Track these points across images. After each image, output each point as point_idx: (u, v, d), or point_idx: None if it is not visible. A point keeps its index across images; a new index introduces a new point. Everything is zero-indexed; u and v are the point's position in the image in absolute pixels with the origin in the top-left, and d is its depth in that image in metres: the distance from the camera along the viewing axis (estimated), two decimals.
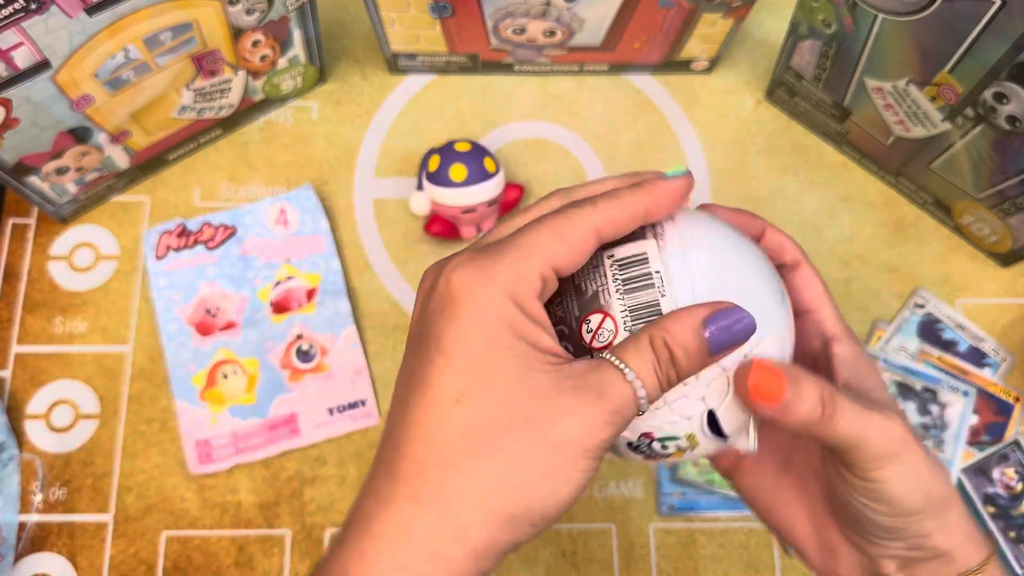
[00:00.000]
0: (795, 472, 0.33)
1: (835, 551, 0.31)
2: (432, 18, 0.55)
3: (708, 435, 0.28)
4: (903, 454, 0.27)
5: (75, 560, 0.51)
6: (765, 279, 0.29)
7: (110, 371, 0.55)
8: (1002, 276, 0.59)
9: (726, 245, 0.29)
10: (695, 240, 0.28)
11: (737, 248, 0.29)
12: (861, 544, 0.30)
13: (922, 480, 0.28)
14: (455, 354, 0.24)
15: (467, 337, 0.24)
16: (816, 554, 0.32)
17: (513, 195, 0.58)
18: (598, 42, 0.58)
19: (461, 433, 0.24)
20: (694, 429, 0.28)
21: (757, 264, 0.29)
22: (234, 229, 0.57)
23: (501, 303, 0.24)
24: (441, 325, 0.25)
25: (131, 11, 0.44)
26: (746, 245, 0.29)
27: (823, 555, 0.31)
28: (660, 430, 0.28)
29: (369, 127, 0.62)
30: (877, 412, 0.27)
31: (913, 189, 0.59)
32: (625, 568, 0.52)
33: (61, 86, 0.46)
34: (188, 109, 0.55)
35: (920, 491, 0.28)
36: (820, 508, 0.32)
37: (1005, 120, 0.47)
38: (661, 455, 0.29)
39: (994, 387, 0.56)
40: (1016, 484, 0.54)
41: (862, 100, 0.55)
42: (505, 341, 0.24)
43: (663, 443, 0.28)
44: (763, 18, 0.65)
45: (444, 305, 0.25)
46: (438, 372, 0.24)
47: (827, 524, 0.31)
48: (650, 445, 0.28)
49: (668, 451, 0.29)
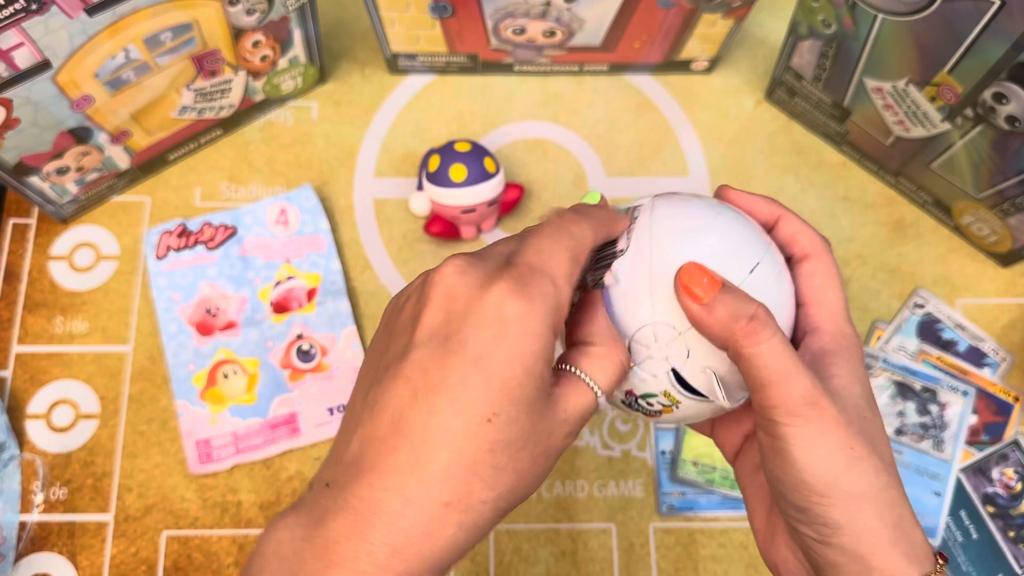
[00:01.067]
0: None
1: (776, 537, 0.32)
2: (432, 18, 0.55)
3: (681, 392, 0.30)
4: (812, 420, 0.27)
5: (76, 560, 0.51)
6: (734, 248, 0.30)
7: (110, 371, 0.55)
8: (1002, 276, 0.59)
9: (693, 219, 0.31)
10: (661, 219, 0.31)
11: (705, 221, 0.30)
12: (790, 531, 0.30)
13: (830, 458, 0.27)
14: (494, 377, 0.26)
15: (509, 364, 0.26)
16: (763, 538, 0.33)
17: (513, 195, 0.58)
18: (598, 42, 0.58)
19: (488, 451, 0.25)
20: (667, 387, 0.30)
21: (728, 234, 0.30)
22: (234, 229, 0.57)
23: (545, 336, 0.27)
24: (485, 344, 0.26)
25: (131, 11, 0.44)
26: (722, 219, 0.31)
27: (766, 540, 0.33)
28: (638, 388, 0.31)
29: (369, 127, 0.62)
30: (803, 367, 0.27)
31: (913, 189, 0.59)
32: (625, 568, 0.52)
33: (61, 86, 0.46)
34: (188, 109, 0.55)
35: (826, 468, 0.27)
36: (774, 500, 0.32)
37: (1005, 120, 0.47)
38: (650, 411, 0.32)
39: (993, 387, 0.56)
40: (1015, 484, 0.54)
41: (862, 100, 0.55)
42: (538, 371, 0.26)
43: (647, 400, 0.31)
44: (763, 18, 0.65)
45: (490, 325, 0.26)
46: (474, 390, 0.25)
47: (776, 516, 0.32)
48: (636, 401, 0.31)
49: (654, 407, 0.31)
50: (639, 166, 0.61)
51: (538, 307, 0.26)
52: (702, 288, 0.28)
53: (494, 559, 0.52)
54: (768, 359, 0.27)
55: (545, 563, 0.52)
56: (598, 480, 0.54)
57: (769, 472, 0.29)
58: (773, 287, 0.30)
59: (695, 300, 0.28)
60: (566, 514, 0.53)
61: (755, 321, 0.27)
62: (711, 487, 0.54)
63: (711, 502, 0.54)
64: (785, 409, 0.27)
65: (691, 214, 0.31)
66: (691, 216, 0.31)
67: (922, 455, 0.54)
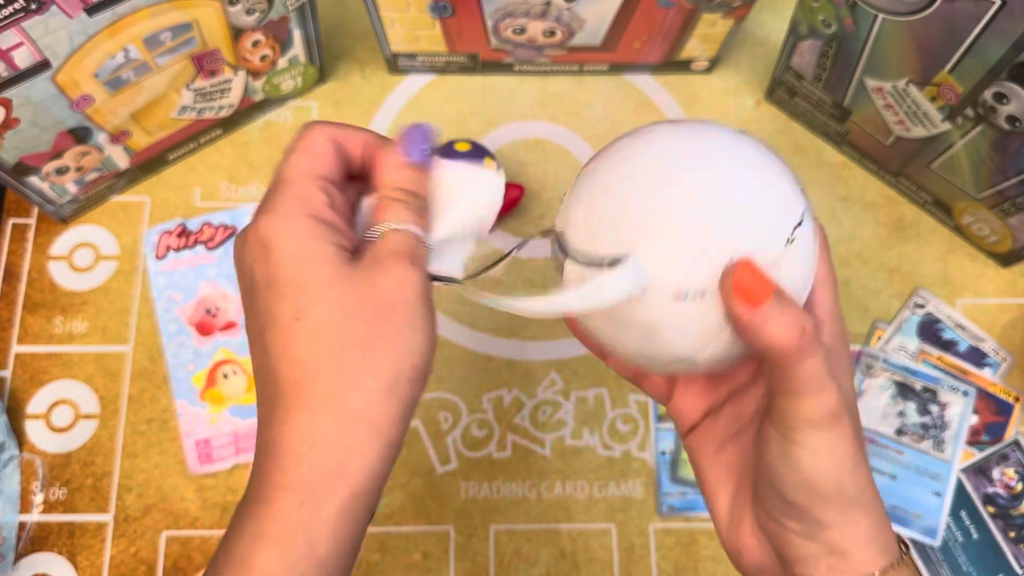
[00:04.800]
0: (739, 446, 0.33)
1: (741, 523, 0.32)
2: (432, 18, 0.55)
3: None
4: (831, 431, 0.27)
5: (75, 560, 0.51)
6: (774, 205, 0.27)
7: (110, 371, 0.55)
8: (1002, 276, 0.59)
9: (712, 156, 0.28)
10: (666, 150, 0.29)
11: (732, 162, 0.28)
12: (764, 519, 0.31)
13: (840, 466, 0.28)
14: (278, 282, 0.27)
15: (282, 265, 0.27)
16: (725, 522, 0.33)
17: (513, 195, 0.58)
18: (598, 42, 0.58)
19: (313, 340, 0.27)
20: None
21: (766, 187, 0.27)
22: (234, 229, 0.57)
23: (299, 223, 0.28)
24: (261, 268, 0.28)
25: (131, 11, 0.44)
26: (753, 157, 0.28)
27: (730, 525, 0.33)
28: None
29: (369, 127, 0.62)
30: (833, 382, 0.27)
31: (913, 189, 0.59)
32: (625, 568, 0.52)
33: (61, 86, 0.46)
34: (188, 109, 0.55)
35: (834, 475, 0.28)
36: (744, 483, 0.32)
37: (1005, 120, 0.47)
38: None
39: (994, 387, 0.56)
40: (1016, 484, 0.54)
41: (862, 100, 0.55)
42: (313, 253, 0.28)
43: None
44: (763, 18, 0.65)
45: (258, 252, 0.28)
46: (273, 304, 0.27)
47: (744, 498, 0.32)
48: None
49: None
50: None
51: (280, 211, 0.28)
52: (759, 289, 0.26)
53: (494, 559, 0.52)
54: (811, 373, 0.27)
55: (545, 563, 0.52)
56: (598, 480, 0.54)
57: (770, 468, 0.29)
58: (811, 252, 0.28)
59: (751, 305, 0.26)
60: (566, 514, 0.53)
61: (806, 335, 0.26)
62: None
63: None
64: (809, 421, 0.27)
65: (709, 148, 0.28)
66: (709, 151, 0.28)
67: (922, 455, 0.54)
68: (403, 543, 0.52)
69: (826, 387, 0.27)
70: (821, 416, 0.27)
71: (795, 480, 0.28)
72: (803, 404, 0.27)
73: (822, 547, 0.29)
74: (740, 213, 0.27)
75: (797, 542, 0.29)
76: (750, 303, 0.26)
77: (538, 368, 0.56)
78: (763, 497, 0.30)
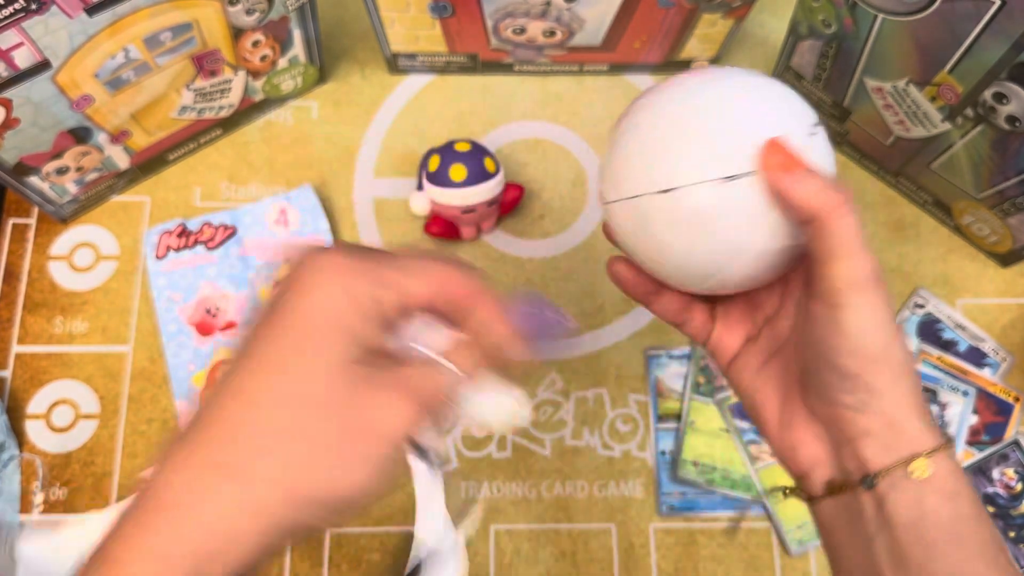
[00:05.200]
0: (782, 359, 0.35)
1: (792, 422, 0.33)
2: (432, 18, 0.55)
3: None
4: (874, 292, 0.29)
5: None
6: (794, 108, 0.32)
7: (110, 371, 0.55)
8: (1002, 276, 0.59)
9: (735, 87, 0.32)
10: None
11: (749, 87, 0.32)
12: (818, 406, 0.32)
13: (885, 327, 0.30)
14: (291, 327, 0.25)
15: (309, 313, 0.25)
16: (776, 426, 0.34)
17: (513, 195, 0.58)
18: (598, 42, 0.58)
19: (277, 407, 0.24)
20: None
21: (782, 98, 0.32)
22: (234, 229, 0.57)
23: (349, 293, 0.25)
24: (288, 296, 0.25)
25: (131, 11, 0.44)
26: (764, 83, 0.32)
27: (781, 427, 0.34)
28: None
29: (369, 127, 0.62)
30: (868, 246, 0.30)
31: (913, 189, 0.59)
32: (625, 568, 0.52)
33: (61, 86, 0.46)
34: (188, 109, 0.55)
35: (881, 335, 0.29)
36: (792, 387, 0.34)
37: (1005, 120, 0.47)
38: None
39: (994, 387, 0.56)
40: (1016, 484, 0.54)
41: (862, 100, 0.55)
42: (341, 327, 0.25)
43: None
44: (763, 18, 0.65)
45: (299, 277, 0.26)
46: (269, 341, 0.25)
47: (792, 400, 0.34)
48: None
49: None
50: None
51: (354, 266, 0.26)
52: (792, 161, 0.29)
53: (494, 559, 0.52)
54: (849, 232, 0.29)
55: (545, 563, 0.52)
56: (598, 480, 0.54)
57: (820, 342, 0.30)
58: (829, 155, 0.32)
59: (784, 169, 0.29)
60: (566, 514, 0.53)
61: (842, 193, 0.29)
62: (711, 487, 0.54)
63: (711, 502, 0.54)
64: (853, 281, 0.29)
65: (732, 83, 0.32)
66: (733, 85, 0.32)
67: None
68: (403, 542, 0.52)
69: (864, 250, 0.29)
70: (863, 277, 0.29)
71: (846, 346, 0.30)
72: (845, 265, 0.29)
73: (877, 419, 0.30)
74: (768, 107, 0.31)
75: (852, 418, 0.30)
76: (785, 169, 0.29)
77: (538, 368, 0.56)
78: (815, 379, 0.31)
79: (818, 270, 0.30)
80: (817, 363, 0.31)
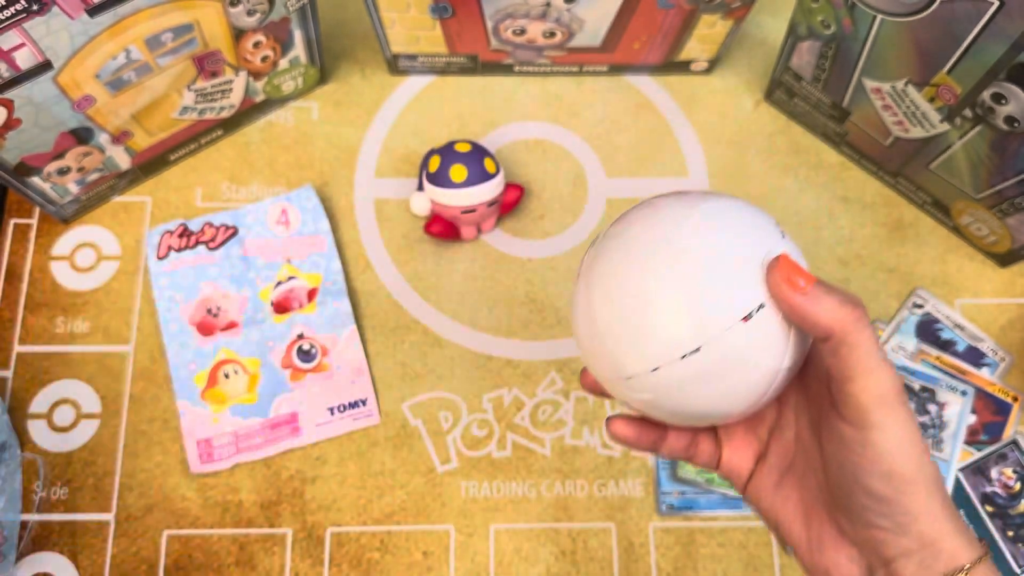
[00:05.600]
0: (796, 474, 0.34)
1: (823, 543, 0.32)
2: (432, 19, 0.55)
3: None
4: (902, 408, 0.28)
5: (77, 559, 0.51)
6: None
7: (112, 371, 0.55)
8: (1000, 276, 0.59)
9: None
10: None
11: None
12: (849, 529, 0.31)
13: (914, 446, 0.29)
14: None
15: None
16: (806, 548, 0.33)
17: (513, 195, 0.58)
18: (598, 43, 0.59)
19: None
20: None
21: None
22: (235, 229, 0.57)
23: None
24: None
25: (132, 12, 0.44)
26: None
27: (811, 549, 0.33)
28: None
29: (370, 128, 0.62)
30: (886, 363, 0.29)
31: (912, 189, 0.59)
32: (625, 568, 0.53)
33: (63, 87, 0.46)
34: (189, 110, 0.55)
35: (914, 454, 0.28)
36: (814, 505, 0.33)
37: (1003, 121, 0.47)
38: None
39: (992, 387, 0.56)
40: (1014, 483, 0.54)
41: (861, 101, 0.55)
42: None
43: None
44: (763, 19, 0.65)
45: None
46: None
47: (818, 519, 0.32)
48: None
49: None
50: (639, 166, 0.61)
51: None
52: (802, 278, 0.28)
53: (494, 559, 0.52)
54: (870, 347, 0.28)
55: (545, 563, 0.52)
56: (598, 480, 0.54)
57: (851, 466, 0.29)
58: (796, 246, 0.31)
59: (798, 290, 0.28)
60: (566, 514, 0.53)
61: (860, 308, 0.28)
62: (710, 486, 0.54)
63: (711, 501, 0.54)
64: (880, 399, 0.28)
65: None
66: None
67: None
68: (403, 542, 0.52)
69: (886, 364, 0.28)
70: (890, 392, 0.28)
71: (880, 469, 0.29)
72: (871, 381, 0.28)
73: (914, 540, 0.29)
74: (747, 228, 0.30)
75: (887, 538, 0.29)
76: (799, 290, 0.28)
77: (538, 368, 0.56)
78: (846, 503, 0.30)
79: (842, 388, 0.29)
80: (849, 486, 0.30)
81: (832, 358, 0.29)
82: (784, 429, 0.35)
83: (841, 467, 0.30)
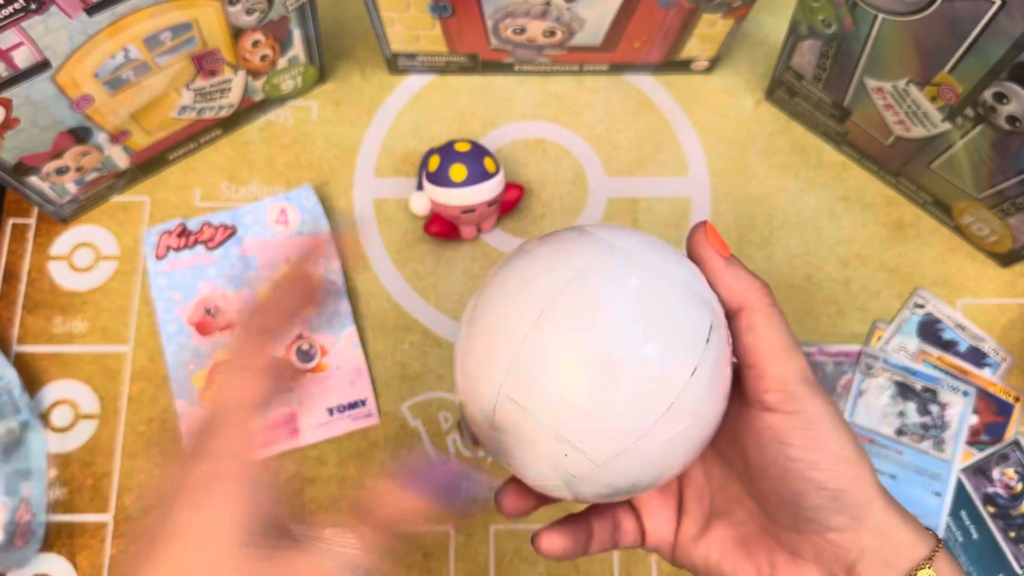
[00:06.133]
0: (720, 513, 0.33)
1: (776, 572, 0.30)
2: (432, 18, 0.55)
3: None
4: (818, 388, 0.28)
5: (75, 560, 0.51)
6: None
7: (110, 371, 0.55)
8: (1002, 276, 0.59)
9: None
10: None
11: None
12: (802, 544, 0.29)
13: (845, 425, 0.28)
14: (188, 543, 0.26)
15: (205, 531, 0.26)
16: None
17: (513, 195, 0.58)
18: (598, 42, 0.58)
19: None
20: None
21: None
22: (234, 229, 0.57)
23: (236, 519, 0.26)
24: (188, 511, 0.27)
25: (131, 11, 0.44)
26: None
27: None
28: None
29: (369, 127, 0.62)
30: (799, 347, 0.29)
31: (913, 189, 0.59)
32: (625, 568, 0.52)
33: (61, 86, 0.46)
34: (188, 109, 0.55)
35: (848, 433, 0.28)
36: (753, 536, 0.31)
37: (1005, 120, 0.47)
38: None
39: (994, 387, 0.56)
40: (1016, 484, 0.54)
41: (862, 100, 0.55)
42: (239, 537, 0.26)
43: None
44: (763, 18, 0.65)
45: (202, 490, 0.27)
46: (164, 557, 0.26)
47: (764, 548, 0.31)
48: None
49: None
50: (639, 166, 0.61)
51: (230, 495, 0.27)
52: (722, 244, 0.29)
53: (494, 559, 0.52)
54: (786, 327, 0.28)
55: (545, 563, 0.52)
56: None
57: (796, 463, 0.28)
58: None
59: (722, 251, 0.29)
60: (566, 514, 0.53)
61: (768, 286, 0.29)
62: None
63: None
64: (803, 377, 0.28)
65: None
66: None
67: (922, 455, 0.54)
68: None
69: (800, 348, 0.29)
70: (809, 373, 0.28)
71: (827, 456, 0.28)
72: (791, 360, 0.28)
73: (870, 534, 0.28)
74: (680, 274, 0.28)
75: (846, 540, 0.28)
76: (725, 252, 0.29)
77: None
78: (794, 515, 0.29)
79: (765, 370, 0.28)
80: (798, 489, 0.28)
81: (748, 334, 0.28)
82: (690, 472, 0.33)
83: (784, 472, 0.28)
